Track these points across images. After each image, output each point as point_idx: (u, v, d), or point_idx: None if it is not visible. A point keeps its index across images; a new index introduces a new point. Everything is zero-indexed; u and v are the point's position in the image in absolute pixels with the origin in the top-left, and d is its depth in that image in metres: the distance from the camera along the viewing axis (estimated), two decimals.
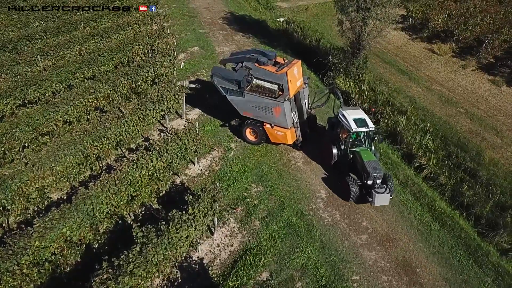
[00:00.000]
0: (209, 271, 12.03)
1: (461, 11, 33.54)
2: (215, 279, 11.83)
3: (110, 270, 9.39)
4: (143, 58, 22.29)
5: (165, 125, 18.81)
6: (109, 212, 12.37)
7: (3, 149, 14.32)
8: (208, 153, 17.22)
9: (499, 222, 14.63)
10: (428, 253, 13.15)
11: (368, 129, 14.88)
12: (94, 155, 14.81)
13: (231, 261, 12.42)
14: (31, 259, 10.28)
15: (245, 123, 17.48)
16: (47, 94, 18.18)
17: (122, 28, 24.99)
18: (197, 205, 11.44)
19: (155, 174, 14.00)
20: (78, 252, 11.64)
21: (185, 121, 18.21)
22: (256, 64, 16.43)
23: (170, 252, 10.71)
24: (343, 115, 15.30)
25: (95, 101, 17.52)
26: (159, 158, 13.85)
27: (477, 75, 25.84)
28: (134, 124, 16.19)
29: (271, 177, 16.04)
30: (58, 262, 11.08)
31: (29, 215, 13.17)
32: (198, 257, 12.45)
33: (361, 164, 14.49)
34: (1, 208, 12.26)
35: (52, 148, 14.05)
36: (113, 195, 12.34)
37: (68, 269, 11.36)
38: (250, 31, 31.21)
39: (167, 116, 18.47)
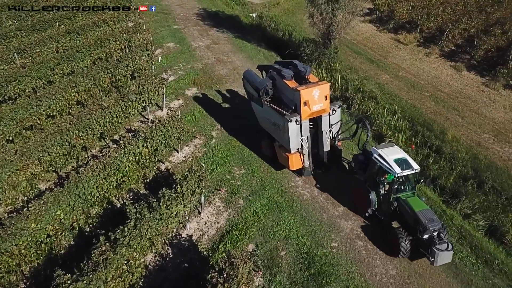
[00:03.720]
0: (198, 246, 12.79)
1: (424, 3, 35.44)
2: (204, 252, 12.61)
3: (107, 243, 10.03)
4: (120, 54, 22.70)
5: (146, 116, 19.33)
6: (99, 196, 12.93)
7: None
8: (190, 141, 17.91)
9: (461, 191, 16.07)
10: None
11: (414, 172, 12.84)
12: (80, 146, 15.26)
13: (219, 237, 13.24)
14: (28, 240, 10.78)
15: (264, 135, 16.72)
16: (27, 90, 18.41)
17: (98, 25, 25.21)
18: (185, 183, 12.18)
19: (141, 160, 14.63)
20: (71, 235, 12.21)
21: (168, 110, 18.82)
22: (279, 76, 15.45)
23: (161, 228, 11.42)
24: (380, 155, 13.17)
25: (77, 95, 17.90)
26: (145, 145, 14.49)
27: (440, 61, 27.52)
28: (117, 115, 16.71)
29: (252, 160, 16.91)
30: (53, 244, 11.61)
31: (18, 205, 13.58)
32: (187, 234, 13.20)
33: (413, 216, 12.38)
34: None
35: (39, 138, 14.41)
36: (103, 180, 12.92)
37: (62, 251, 11.91)
38: (224, 26, 31.97)
39: (148, 107, 19.02)
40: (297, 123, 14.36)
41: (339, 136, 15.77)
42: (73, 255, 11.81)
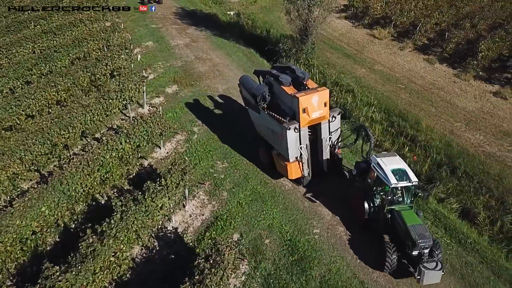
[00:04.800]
0: (184, 238, 13.04)
1: None
2: (190, 244, 12.86)
3: (94, 236, 10.19)
4: (99, 53, 22.64)
5: (127, 114, 19.38)
6: (83, 192, 13.02)
7: None
8: (172, 137, 18.08)
9: (436, 177, 16.78)
10: None
11: (410, 184, 12.26)
12: (61, 144, 15.25)
13: (204, 228, 13.52)
14: (13, 237, 10.82)
15: (262, 143, 16.22)
16: (4, 91, 18.22)
17: (75, 25, 25.02)
18: (169, 176, 12.41)
19: (125, 156, 14.76)
20: (57, 232, 12.29)
21: (149, 106, 18.93)
22: (277, 82, 14.99)
23: (147, 220, 11.62)
24: (378, 164, 12.67)
25: (56, 94, 17.82)
26: (127, 141, 14.62)
27: (414, 55, 28.41)
28: (98, 113, 16.76)
29: (235, 154, 17.20)
30: (38, 241, 11.66)
31: (0, 205, 13.51)
32: (172, 227, 13.42)
33: (404, 229, 11.79)
34: None
35: (20, 137, 14.35)
36: (87, 176, 13.02)
37: (48, 248, 11.98)
38: (202, 24, 32.15)
39: (129, 105, 19.08)
40: (296, 131, 13.89)
41: (339, 143, 15.35)
42: (59, 251, 11.90)
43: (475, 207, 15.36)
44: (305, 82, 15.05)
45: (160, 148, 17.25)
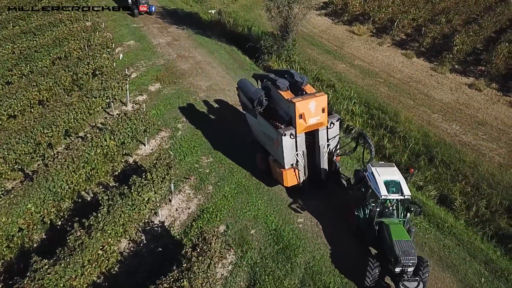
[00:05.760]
0: (171, 231, 13.24)
1: None
2: (177, 237, 13.07)
3: (81, 229, 10.32)
4: (80, 52, 22.56)
5: (110, 113, 19.41)
6: (69, 189, 13.08)
7: None
8: (156, 134, 18.21)
9: (414, 166, 17.35)
10: None
11: (402, 197, 11.73)
12: (45, 143, 15.24)
13: (190, 221, 13.73)
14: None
15: (259, 148, 15.86)
16: None
17: (55, 25, 24.91)
18: (154, 171, 12.59)
19: (109, 153, 14.85)
20: (43, 229, 12.33)
21: (132, 104, 19.00)
22: (274, 86, 14.72)
23: (134, 214, 11.79)
24: (372, 174, 12.18)
25: (38, 94, 17.75)
26: (112, 137, 14.72)
27: (392, 50, 29.15)
28: (81, 112, 16.78)
29: (219, 149, 17.44)
30: (25, 238, 11.70)
31: None
32: (159, 221, 13.59)
33: (389, 244, 11.33)
34: None
35: (3, 136, 14.30)
36: (72, 173, 13.09)
37: (35, 245, 12.02)
38: (184, 23, 32.28)
39: (112, 104, 19.12)
40: (292, 137, 13.53)
41: (338, 151, 14.80)
42: (46, 248, 11.95)
43: (452, 194, 16.00)
44: (303, 87, 14.75)
45: (144, 145, 17.37)
